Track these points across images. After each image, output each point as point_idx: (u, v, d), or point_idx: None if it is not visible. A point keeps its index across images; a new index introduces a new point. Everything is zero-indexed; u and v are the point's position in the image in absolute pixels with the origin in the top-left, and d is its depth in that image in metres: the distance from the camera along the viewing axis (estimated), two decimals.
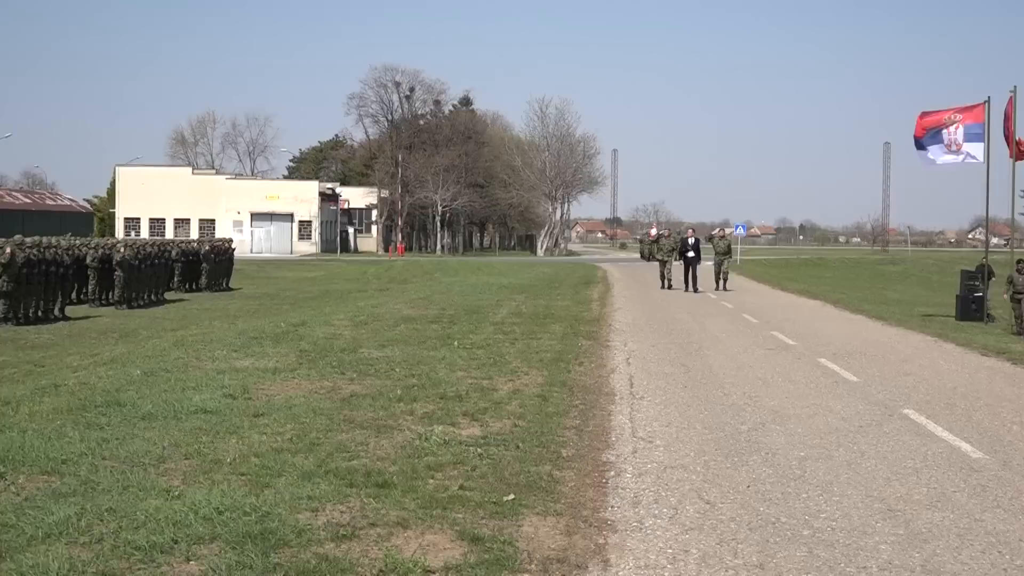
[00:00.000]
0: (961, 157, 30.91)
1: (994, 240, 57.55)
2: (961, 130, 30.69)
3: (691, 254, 40.80)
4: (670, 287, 41.63)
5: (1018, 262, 27.81)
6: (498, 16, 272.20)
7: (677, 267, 42.60)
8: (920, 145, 31.21)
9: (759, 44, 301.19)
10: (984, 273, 31.29)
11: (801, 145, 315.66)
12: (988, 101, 30.63)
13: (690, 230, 46.89)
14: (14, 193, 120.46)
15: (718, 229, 55.28)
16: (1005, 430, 13.24)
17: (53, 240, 37.94)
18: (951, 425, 13.38)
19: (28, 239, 33.86)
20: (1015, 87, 29.65)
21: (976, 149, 30.74)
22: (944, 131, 30.79)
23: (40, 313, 31.75)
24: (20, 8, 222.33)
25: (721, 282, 41.18)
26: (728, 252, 43.33)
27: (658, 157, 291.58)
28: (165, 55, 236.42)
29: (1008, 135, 29.57)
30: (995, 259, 35.21)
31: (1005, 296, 27.98)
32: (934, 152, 31.09)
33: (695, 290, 39.48)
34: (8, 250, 30.73)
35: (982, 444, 12.18)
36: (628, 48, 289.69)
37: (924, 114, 31.55)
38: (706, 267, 42.03)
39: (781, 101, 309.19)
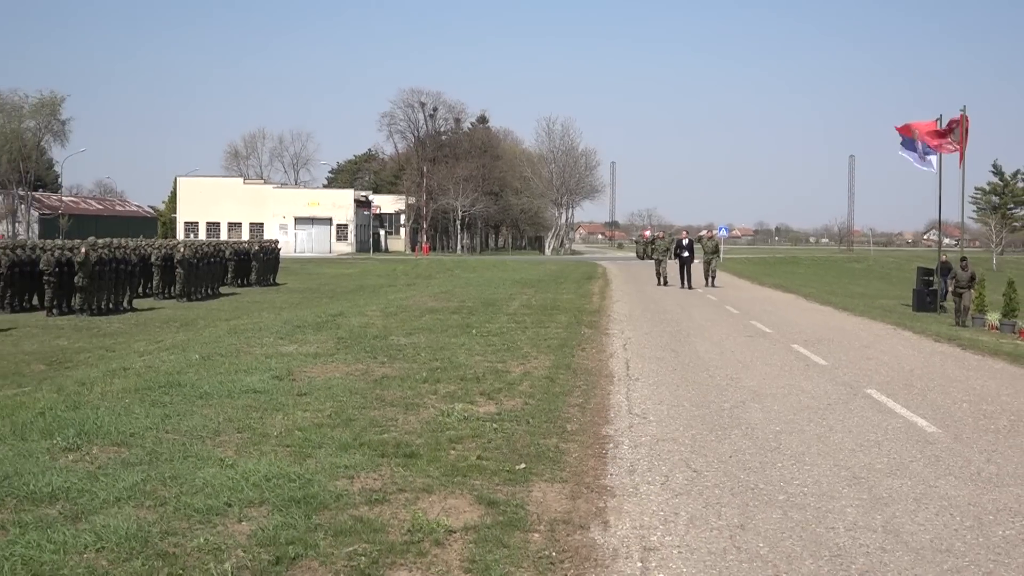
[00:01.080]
0: (925, 167, 31.14)
1: (946, 240, 57.45)
2: (921, 145, 30.84)
3: (686, 254, 40.05)
4: (665, 284, 41.22)
5: (962, 259, 27.75)
6: (511, 45, 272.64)
7: (672, 265, 42.22)
8: (907, 146, 31.48)
9: (741, 68, 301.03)
10: (943, 270, 31.26)
11: (777, 156, 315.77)
12: (940, 119, 30.65)
13: (684, 232, 46.50)
14: (88, 200, 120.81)
15: (706, 231, 54.68)
16: (956, 407, 13.24)
17: (122, 241, 38.13)
18: (908, 403, 13.39)
19: (100, 240, 33.93)
20: (964, 106, 29.68)
21: (933, 160, 30.84)
22: (916, 142, 30.98)
23: (111, 305, 31.85)
24: (94, 39, 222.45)
25: (710, 279, 40.68)
26: (716, 252, 42.60)
27: (651, 168, 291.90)
28: (221, 78, 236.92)
29: (960, 148, 29.61)
30: (949, 257, 35.23)
31: (949, 290, 27.80)
32: (912, 157, 31.30)
33: (689, 287, 38.80)
34: (84, 250, 30.91)
35: (936, 420, 12.19)
36: (626, 72, 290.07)
37: (901, 127, 31.70)
38: (695, 265, 41.67)
39: (759, 118, 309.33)
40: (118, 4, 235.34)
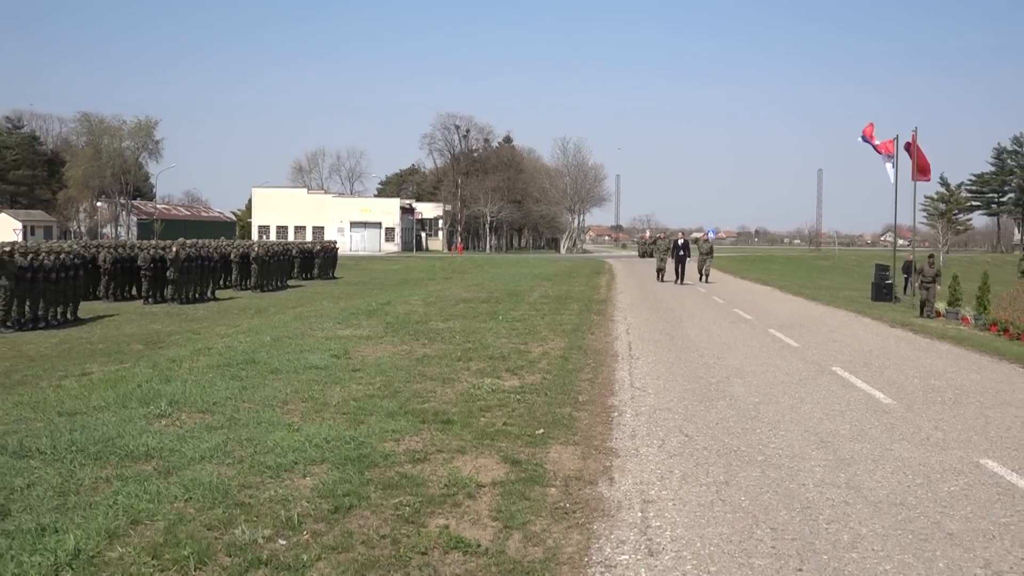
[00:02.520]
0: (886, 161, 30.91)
1: (900, 241, 56.95)
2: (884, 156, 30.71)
3: (681, 252, 38.96)
4: (663, 279, 40.25)
5: (929, 256, 27.02)
6: (532, 75, 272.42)
7: (670, 262, 41.55)
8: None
9: (729, 94, 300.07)
10: (907, 268, 31.06)
11: (757, 169, 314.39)
12: (897, 138, 30.43)
13: (679, 233, 45.40)
14: (178, 207, 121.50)
15: (702, 234, 54.11)
16: (908, 382, 13.18)
17: (206, 241, 38.37)
18: (868, 378, 13.33)
19: (188, 241, 34.19)
20: (916, 128, 29.50)
21: (889, 171, 30.63)
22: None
23: (197, 295, 32.02)
24: (184, 72, 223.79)
25: (704, 275, 39.82)
26: (710, 253, 41.47)
27: (650, 178, 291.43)
28: (288, 105, 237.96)
29: (913, 161, 29.39)
30: (900, 255, 35.04)
31: (916, 285, 26.68)
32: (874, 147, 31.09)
33: (682, 282, 38.00)
34: (175, 249, 31.17)
35: (891, 393, 12.14)
36: (630, 97, 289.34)
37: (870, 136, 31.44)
38: (689, 263, 40.94)
39: (743, 136, 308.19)
40: (202, 45, 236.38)
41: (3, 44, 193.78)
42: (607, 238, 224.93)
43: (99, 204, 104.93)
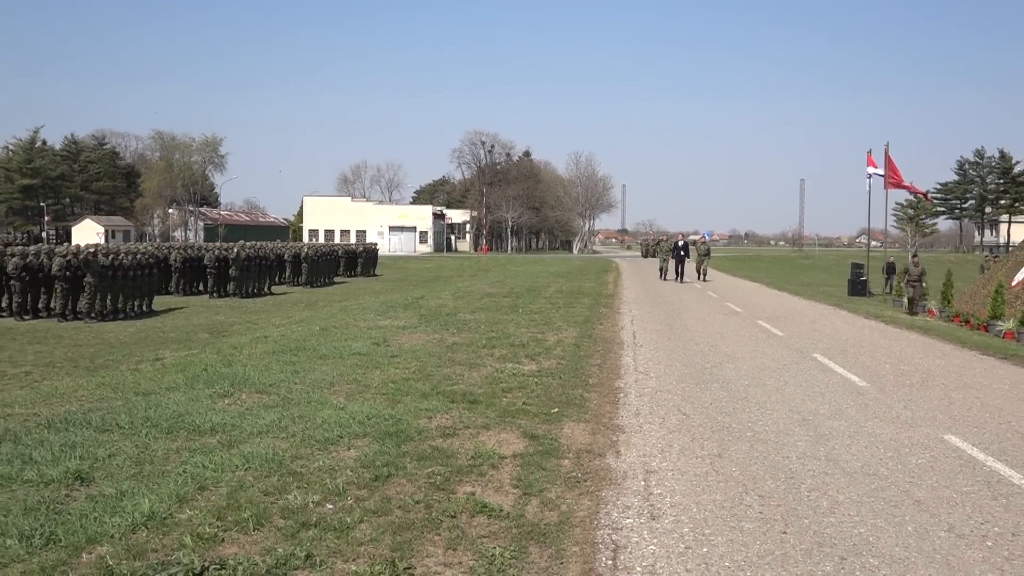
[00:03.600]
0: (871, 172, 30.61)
1: (873, 243, 56.63)
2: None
3: (681, 253, 37.66)
4: (665, 278, 39.05)
5: (913, 256, 25.78)
6: (549, 96, 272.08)
7: (671, 262, 40.90)
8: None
9: (724, 109, 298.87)
10: (889, 268, 30.57)
11: (748, 178, 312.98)
12: (870, 152, 30.27)
13: (680, 236, 43.67)
14: (239, 214, 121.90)
15: (700, 237, 53.16)
16: (880, 367, 13.10)
17: (263, 243, 38.52)
18: (845, 364, 13.26)
19: (248, 243, 34.36)
20: (887, 142, 29.33)
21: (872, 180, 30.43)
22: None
23: (256, 290, 32.19)
24: (245, 94, 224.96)
25: (702, 274, 38.75)
26: (708, 254, 40.36)
27: (652, 187, 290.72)
28: (335, 123, 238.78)
29: (885, 174, 29.21)
30: (875, 255, 34.76)
31: (902, 283, 25.20)
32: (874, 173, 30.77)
33: (681, 280, 36.91)
34: (236, 250, 31.36)
35: (865, 376, 12.07)
36: (635, 113, 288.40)
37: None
38: (688, 263, 40.11)
39: (736, 148, 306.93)
40: (262, 73, 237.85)
41: (90, 71, 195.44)
42: (614, 240, 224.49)
43: (170, 211, 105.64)
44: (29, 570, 4.55)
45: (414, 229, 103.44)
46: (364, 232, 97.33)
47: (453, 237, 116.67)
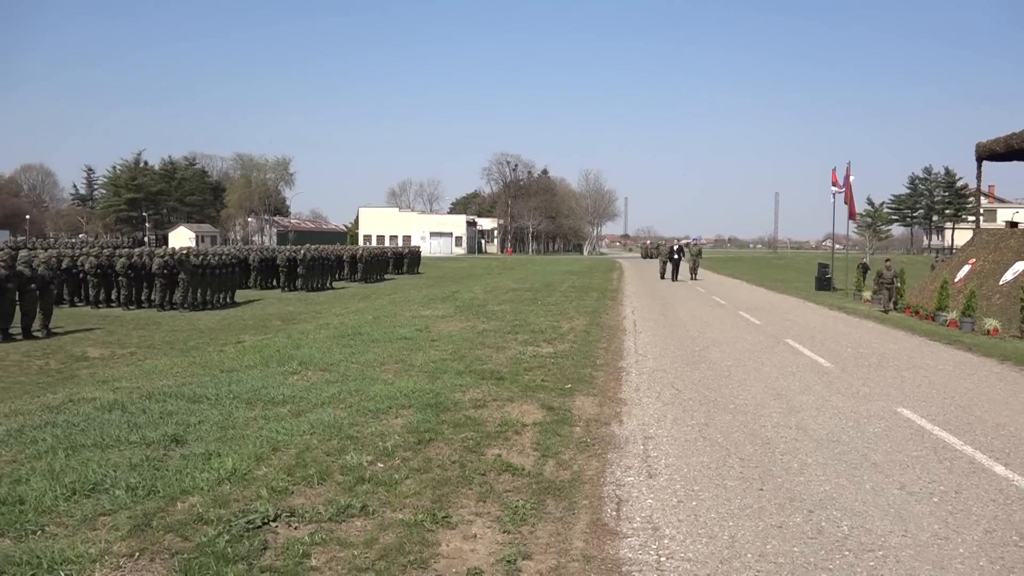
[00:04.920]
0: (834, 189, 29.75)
1: (837, 246, 56.03)
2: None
3: (676, 256, 36.72)
4: (663, 278, 37.64)
5: (886, 260, 23.73)
6: (565, 121, 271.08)
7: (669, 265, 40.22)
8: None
9: (712, 129, 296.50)
10: (864, 268, 29.96)
11: (731, 190, 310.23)
12: (835, 169, 29.88)
13: (675, 240, 42.65)
14: (306, 222, 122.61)
15: (693, 241, 52.08)
16: (843, 351, 12.96)
17: (326, 246, 38.75)
18: (813, 348, 13.14)
19: (313, 246, 34.58)
20: (849, 162, 28.96)
21: (833, 196, 29.75)
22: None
23: (320, 286, 32.34)
24: (312, 119, 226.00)
25: (693, 274, 37.65)
26: (699, 255, 39.52)
27: (650, 198, 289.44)
28: (385, 146, 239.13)
29: (847, 190, 28.74)
30: (838, 257, 34.31)
31: (876, 285, 22.85)
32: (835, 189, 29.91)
33: (675, 279, 35.89)
34: (303, 252, 31.52)
35: (830, 358, 11.95)
36: (637, 136, 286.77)
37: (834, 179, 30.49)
38: (682, 264, 39.23)
39: (720, 165, 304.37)
40: (327, 103, 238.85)
41: (184, 103, 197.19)
42: (618, 244, 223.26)
43: (249, 219, 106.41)
44: (134, 515, 4.61)
45: (451, 234, 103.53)
46: (409, 237, 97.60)
47: (483, 241, 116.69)
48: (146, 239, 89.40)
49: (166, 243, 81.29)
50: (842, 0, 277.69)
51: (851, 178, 28.50)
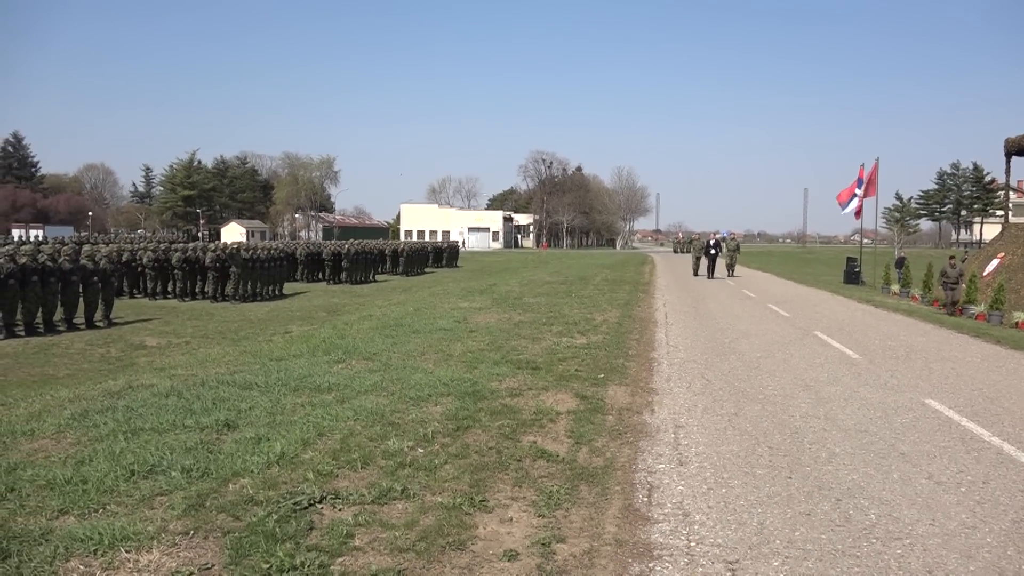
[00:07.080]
0: (845, 211, 29.15)
1: (866, 241, 54.93)
2: (850, 199, 29.24)
3: (713, 251, 33.00)
4: (697, 274, 33.83)
5: (950, 258, 21.17)
6: (599, 119, 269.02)
7: (703, 260, 35.67)
8: (843, 207, 29.49)
9: (743, 128, 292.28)
10: (899, 263, 29.28)
11: (761, 186, 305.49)
12: (863, 165, 29.19)
13: (712, 234, 36.26)
14: (350, 218, 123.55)
15: (730, 234, 48.09)
16: (871, 343, 12.71)
17: (369, 241, 39.04)
18: (841, 340, 12.90)
19: (357, 241, 34.86)
20: (878, 158, 28.27)
21: (853, 205, 29.03)
22: (854, 198, 29.05)
23: (363, 279, 32.63)
24: (357, 123, 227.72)
25: (730, 271, 34.05)
26: (737, 250, 35.11)
27: (681, 194, 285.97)
28: (425, 147, 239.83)
29: (869, 185, 28.13)
30: (866, 251, 33.63)
31: (939, 285, 20.59)
32: (845, 208, 29.25)
33: (711, 276, 31.47)
34: (347, 247, 31.82)
35: (858, 350, 11.74)
36: (668, 134, 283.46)
37: (840, 193, 29.96)
38: (719, 260, 34.45)
39: (751, 163, 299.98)
40: (372, 106, 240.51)
41: (236, 104, 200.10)
42: (650, 239, 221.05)
43: (296, 216, 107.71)
44: (189, 496, 4.69)
45: (488, 230, 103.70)
46: (448, 232, 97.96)
47: (519, 236, 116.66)
48: (200, 234, 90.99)
49: (219, 238, 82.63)
50: (871, 8, 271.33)
51: (872, 175, 27.89)
